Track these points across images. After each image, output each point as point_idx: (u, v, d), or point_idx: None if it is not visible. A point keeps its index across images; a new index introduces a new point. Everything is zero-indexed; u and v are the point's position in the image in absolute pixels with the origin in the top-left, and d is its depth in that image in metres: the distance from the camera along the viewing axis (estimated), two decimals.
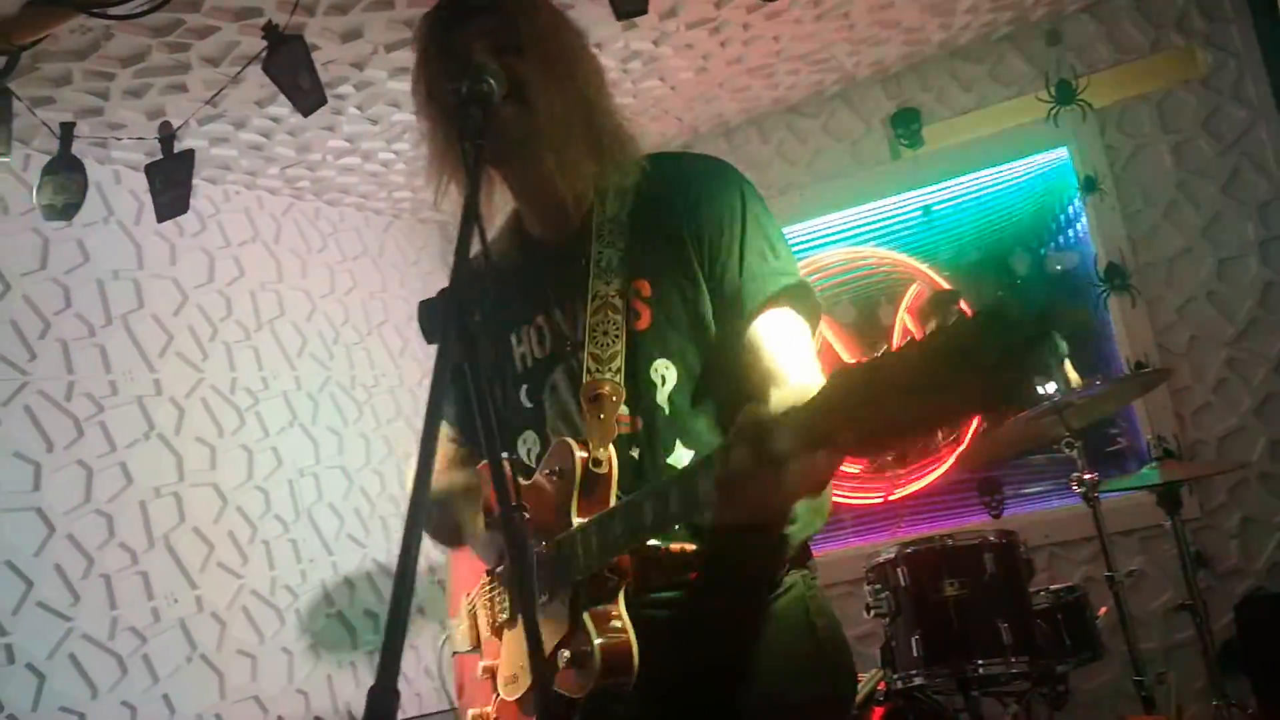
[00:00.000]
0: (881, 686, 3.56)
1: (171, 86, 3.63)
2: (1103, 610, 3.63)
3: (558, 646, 1.62)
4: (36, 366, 3.71)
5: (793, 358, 1.65)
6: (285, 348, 4.70)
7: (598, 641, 1.56)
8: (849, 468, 5.05)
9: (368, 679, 4.56)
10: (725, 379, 1.72)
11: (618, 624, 1.58)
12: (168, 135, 3.03)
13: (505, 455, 1.42)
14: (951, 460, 4.71)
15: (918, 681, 3.44)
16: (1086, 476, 3.46)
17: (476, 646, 1.91)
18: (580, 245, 1.80)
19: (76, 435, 3.78)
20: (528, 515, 1.69)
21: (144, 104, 3.70)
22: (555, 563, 1.64)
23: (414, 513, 1.19)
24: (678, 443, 1.69)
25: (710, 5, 3.90)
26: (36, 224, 3.79)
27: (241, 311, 4.54)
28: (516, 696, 1.74)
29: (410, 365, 5.18)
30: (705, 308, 1.72)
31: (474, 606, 1.93)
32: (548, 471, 1.71)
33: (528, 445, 1.84)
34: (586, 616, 1.58)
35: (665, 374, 1.71)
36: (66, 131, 3.01)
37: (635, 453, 1.69)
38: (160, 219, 3.11)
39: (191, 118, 3.53)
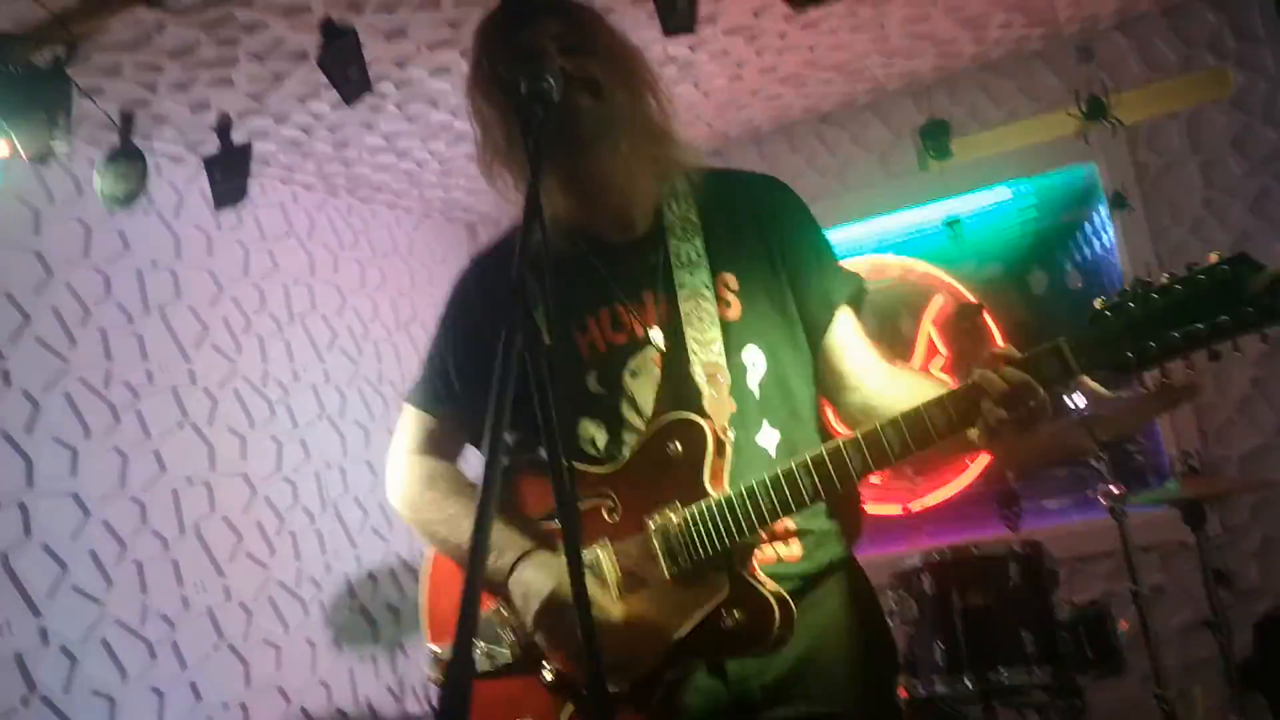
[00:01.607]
0: (903, 694, 3.59)
1: (218, 80, 3.67)
2: (1123, 624, 3.66)
3: (719, 609, 1.68)
4: (76, 354, 3.76)
5: (869, 351, 1.91)
6: (316, 341, 4.76)
7: (772, 591, 1.67)
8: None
9: (388, 673, 4.61)
10: (804, 365, 1.89)
11: (770, 583, 1.70)
12: (225, 125, 3.08)
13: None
14: (976, 473, 4.74)
15: (940, 689, 3.46)
16: (1115, 490, 3.48)
17: (505, 664, 1.85)
18: (651, 242, 1.88)
19: (113, 422, 3.83)
20: (614, 508, 1.78)
21: (189, 97, 3.75)
22: (692, 532, 1.71)
23: (483, 510, 1.21)
24: (764, 423, 1.83)
25: (749, 13, 3.94)
26: (80, 213, 3.84)
27: (274, 304, 4.59)
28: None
29: None
30: (789, 301, 1.86)
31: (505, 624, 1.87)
32: (657, 449, 1.76)
33: (590, 433, 1.86)
34: (749, 575, 1.69)
35: (755, 360, 1.84)
36: (127, 121, 3.07)
37: (731, 433, 1.79)
38: (218, 206, 3.16)
39: (237, 113, 3.57)
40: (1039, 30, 4.55)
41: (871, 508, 4.89)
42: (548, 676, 1.79)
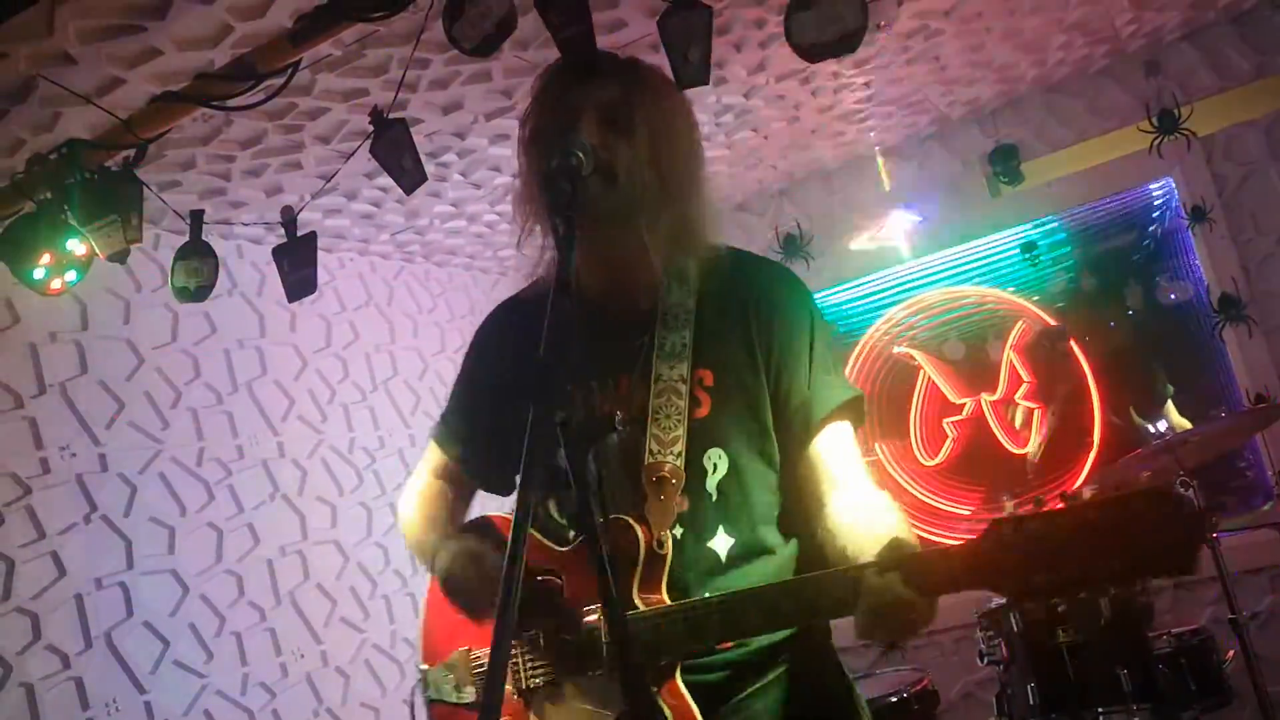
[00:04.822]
0: None
1: (287, 165, 3.82)
2: (1229, 654, 3.52)
3: None
4: (169, 435, 3.92)
5: (851, 467, 1.79)
6: (400, 407, 4.87)
7: (673, 706, 1.60)
8: (960, 508, 5.00)
9: None
10: (768, 474, 1.81)
11: (682, 699, 1.62)
12: (290, 219, 3.20)
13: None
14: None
15: None
16: None
17: (466, 703, 1.86)
18: (643, 324, 1.84)
19: (207, 499, 3.97)
20: (561, 582, 1.77)
21: (262, 182, 3.91)
22: (602, 640, 1.66)
23: (510, 572, 1.24)
24: (720, 528, 1.76)
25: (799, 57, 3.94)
26: (167, 299, 4.00)
27: (357, 373, 4.72)
28: None
29: None
30: (764, 407, 1.80)
31: (480, 662, 1.89)
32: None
33: (554, 507, 1.86)
34: (655, 691, 1.62)
35: (717, 462, 1.78)
36: (196, 219, 3.21)
37: (678, 533, 1.73)
38: (291, 299, 3.28)
39: (308, 195, 3.70)
40: (1102, 48, 4.47)
41: (963, 540, 4.80)
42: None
